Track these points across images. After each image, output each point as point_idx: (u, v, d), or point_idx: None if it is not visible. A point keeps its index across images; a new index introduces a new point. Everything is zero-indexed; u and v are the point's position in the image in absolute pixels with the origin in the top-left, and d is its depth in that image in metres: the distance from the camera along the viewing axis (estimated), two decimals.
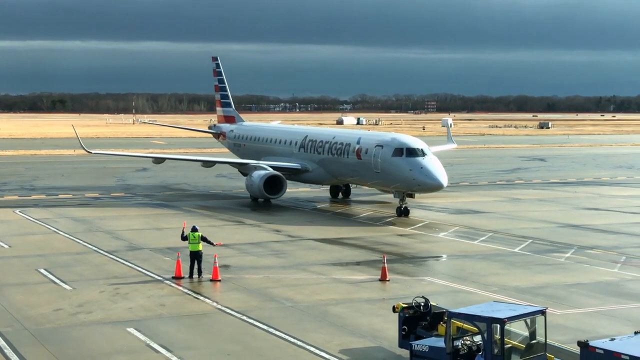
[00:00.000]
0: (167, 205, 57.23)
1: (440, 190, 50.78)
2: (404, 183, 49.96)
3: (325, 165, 57.73)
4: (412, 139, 52.23)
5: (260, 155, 65.04)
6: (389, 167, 50.46)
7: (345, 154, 55.07)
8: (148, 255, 38.70)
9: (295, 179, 60.16)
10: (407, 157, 49.58)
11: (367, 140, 54.06)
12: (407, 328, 22.60)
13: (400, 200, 51.35)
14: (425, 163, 49.23)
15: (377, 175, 51.76)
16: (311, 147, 59.53)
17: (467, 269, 35.83)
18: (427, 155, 49.96)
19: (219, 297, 30.50)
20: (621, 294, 31.31)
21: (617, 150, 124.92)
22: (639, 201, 60.50)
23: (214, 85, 79.55)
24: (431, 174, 48.76)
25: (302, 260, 37.67)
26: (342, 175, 56.97)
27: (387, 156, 50.59)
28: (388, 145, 51.24)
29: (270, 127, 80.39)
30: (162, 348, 24.09)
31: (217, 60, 79.02)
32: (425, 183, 48.94)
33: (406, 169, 49.30)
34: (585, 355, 17.44)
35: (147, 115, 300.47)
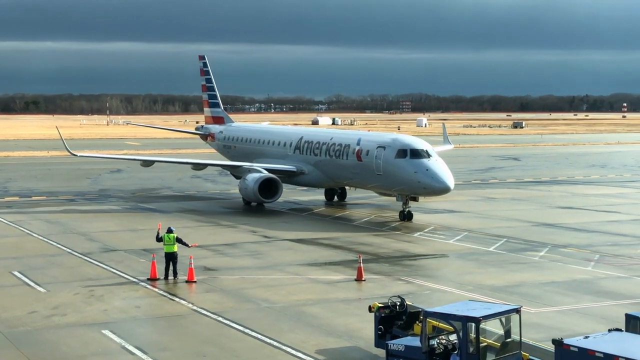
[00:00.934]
0: (141, 206, 56.97)
1: (448, 194, 48.55)
2: (408, 186, 47.90)
3: (323, 168, 55.92)
4: (415, 140, 50.18)
5: (252, 157, 63.11)
6: (392, 169, 48.43)
7: (344, 156, 53.09)
8: (123, 256, 38.50)
9: (290, 181, 58.08)
10: (411, 159, 47.52)
11: (367, 141, 52.02)
12: (383, 328, 22.64)
13: (403, 204, 49.22)
14: (431, 165, 47.23)
15: (379, 177, 49.76)
16: (307, 149, 57.55)
17: (442, 268, 35.96)
18: (432, 156, 47.90)
19: (194, 299, 30.40)
20: (595, 292, 31.55)
21: (590, 149, 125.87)
22: (612, 200, 61.02)
23: (201, 85, 77.34)
24: (437, 176, 46.77)
25: (278, 260, 37.63)
26: (341, 177, 55.14)
27: (390, 158, 48.51)
28: (391, 146, 49.13)
29: (263, 128, 77.97)
30: (138, 350, 23.98)
31: (205, 59, 76.57)
32: (432, 186, 46.91)
33: (410, 171, 47.25)
34: (560, 353, 17.55)
35: (121, 116, 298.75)
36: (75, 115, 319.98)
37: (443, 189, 47.09)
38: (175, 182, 72.93)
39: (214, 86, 76.32)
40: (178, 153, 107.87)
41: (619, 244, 41.95)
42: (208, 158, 74.51)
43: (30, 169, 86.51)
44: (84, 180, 75.28)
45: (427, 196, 50.04)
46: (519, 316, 19.93)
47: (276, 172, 55.87)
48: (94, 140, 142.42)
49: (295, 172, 57.27)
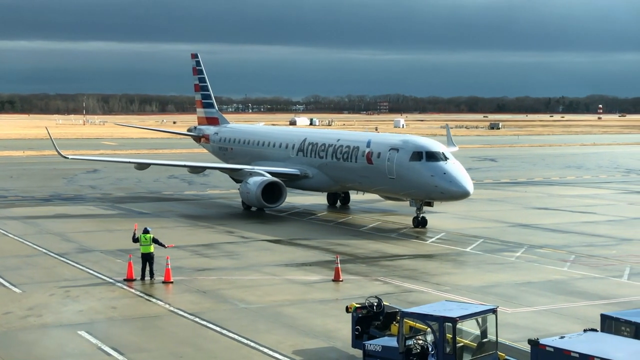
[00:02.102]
0: (118, 207, 56.69)
1: (467, 199, 46.16)
2: (423, 191, 45.43)
3: (328, 171, 53.14)
4: (431, 142, 47.68)
5: (251, 159, 60.64)
6: (406, 173, 45.87)
7: (352, 159, 50.42)
8: (99, 257, 38.29)
9: (293, 185, 54.99)
10: (427, 162, 45.09)
11: (378, 143, 49.31)
12: (360, 328, 22.64)
13: (417, 209, 46.85)
14: (448, 168, 44.78)
15: (392, 181, 47.12)
16: (311, 151, 54.75)
17: (419, 268, 36.05)
18: (450, 159, 45.50)
19: (171, 299, 30.30)
20: (570, 293, 31.75)
21: (566, 150, 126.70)
22: (588, 200, 61.44)
23: (194, 85, 74.31)
24: (456, 180, 44.35)
25: (255, 261, 37.58)
26: (348, 181, 52.34)
27: (404, 160, 45.96)
28: (404, 148, 46.60)
29: (262, 129, 75.45)
30: (114, 351, 23.86)
31: (198, 58, 73.47)
32: (450, 191, 44.40)
33: (427, 174, 44.80)
34: (536, 353, 17.64)
35: (97, 116, 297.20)
36: (51, 115, 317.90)
37: (462, 194, 44.72)
38: (152, 182, 72.63)
39: (207, 85, 73.44)
40: (155, 153, 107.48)
41: (594, 245, 42.24)
42: (189, 159, 74.20)
43: (6, 169, 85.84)
44: (60, 180, 74.80)
45: (445, 201, 47.27)
46: (495, 316, 20.02)
47: (279, 175, 53.33)
48: (70, 140, 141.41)
49: (298, 175, 54.57)
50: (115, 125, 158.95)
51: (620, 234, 46.00)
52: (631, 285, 33.18)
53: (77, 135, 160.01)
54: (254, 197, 50.73)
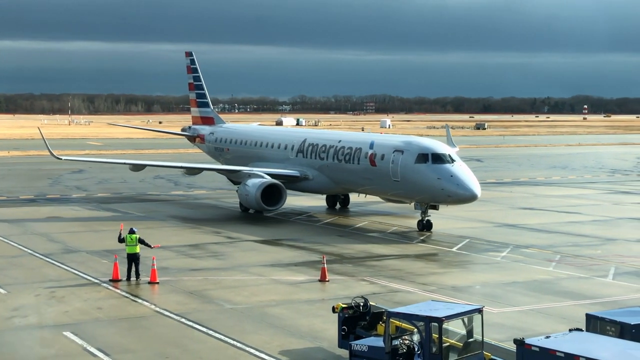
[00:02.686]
0: (103, 207, 56.51)
1: (474, 202, 44.94)
2: (430, 194, 44.34)
3: (329, 173, 51.84)
4: (436, 143, 46.49)
5: (248, 160, 59.16)
6: (412, 176, 44.69)
7: (355, 160, 49.12)
8: (85, 257, 38.17)
9: (292, 187, 53.47)
10: (433, 164, 43.97)
11: (382, 145, 48.13)
12: (346, 328, 22.66)
13: (422, 212, 45.81)
14: (455, 171, 43.70)
15: (396, 184, 45.92)
16: (312, 152, 53.37)
17: (405, 268, 36.10)
18: (456, 161, 44.49)
19: (157, 300, 30.23)
20: (556, 292, 31.87)
21: (552, 150, 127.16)
22: (573, 200, 61.68)
23: (188, 84, 72.76)
24: (463, 183, 43.28)
25: (242, 261, 37.54)
26: (350, 183, 51.15)
27: (409, 163, 44.80)
28: (409, 150, 45.41)
29: (260, 129, 73.60)
30: (100, 352, 23.79)
31: (192, 56, 71.90)
32: (457, 194, 43.35)
33: (433, 177, 43.70)
34: (522, 353, 17.69)
35: (83, 116, 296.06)
36: (36, 115, 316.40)
37: (470, 197, 43.57)
38: (138, 183, 72.40)
39: (202, 84, 71.95)
40: (141, 154, 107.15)
41: (579, 245, 42.41)
42: (175, 159, 73.77)
43: None
44: (45, 180, 74.49)
45: (452, 205, 45.98)
46: (481, 316, 20.07)
47: (278, 177, 51.82)
48: (56, 140, 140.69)
49: (298, 177, 53.21)
50: (101, 126, 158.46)
51: (605, 234, 46.21)
52: (616, 285, 33.34)
53: (63, 136, 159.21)
54: (253, 199, 49.41)
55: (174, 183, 72.68)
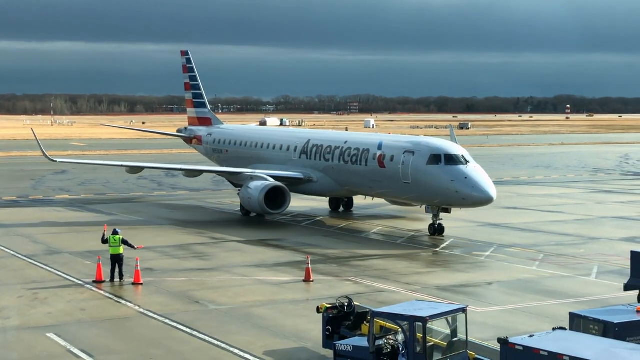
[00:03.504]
0: (87, 208, 56.29)
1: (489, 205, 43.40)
2: (443, 197, 42.70)
3: (335, 175, 50.10)
4: (449, 144, 44.96)
5: (248, 162, 57.31)
6: (424, 178, 43.08)
7: (362, 162, 47.40)
8: (68, 259, 38.00)
9: (296, 190, 51.31)
10: (446, 166, 42.39)
11: (391, 145, 46.39)
12: (331, 328, 22.66)
13: (433, 216, 44.25)
14: (470, 172, 42.10)
15: (407, 187, 44.22)
16: (316, 153, 51.59)
17: (389, 268, 36.14)
18: (470, 162, 42.87)
19: (141, 301, 30.13)
20: (539, 291, 31.99)
21: (535, 150, 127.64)
22: (556, 200, 61.94)
23: (184, 83, 70.71)
24: (478, 185, 41.68)
25: (226, 262, 37.48)
26: (357, 186, 49.44)
27: (421, 164, 43.18)
28: (421, 151, 43.81)
29: (260, 130, 71.26)
30: (83, 353, 23.69)
31: (188, 55, 69.98)
32: (472, 197, 41.74)
33: (446, 179, 42.12)
34: (505, 352, 17.74)
35: (65, 117, 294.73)
36: (18, 116, 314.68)
37: (485, 200, 42.02)
38: (121, 183, 72.16)
39: (199, 84, 69.99)
40: (124, 154, 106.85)
41: (562, 244, 42.59)
42: (159, 160, 73.32)
43: None
44: (28, 181, 74.12)
45: (466, 208, 44.51)
46: (465, 315, 20.12)
47: (280, 179, 50.06)
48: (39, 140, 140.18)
49: (302, 179, 51.49)
50: (83, 126, 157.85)
51: (588, 233, 46.43)
52: (599, 283, 33.49)
53: (46, 136, 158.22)
54: (256, 202, 47.62)
55: (158, 184, 72.46)
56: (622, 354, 16.73)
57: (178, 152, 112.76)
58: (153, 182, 73.49)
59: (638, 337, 19.44)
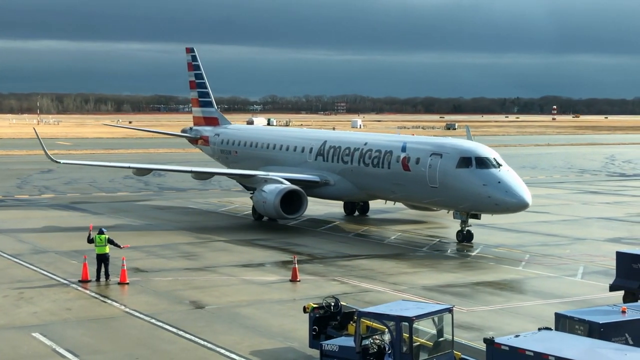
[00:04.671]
0: (72, 207, 56.09)
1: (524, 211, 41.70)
2: (473, 202, 40.67)
3: (354, 178, 47.98)
4: (479, 146, 42.85)
5: (259, 164, 55.28)
6: (453, 182, 41.03)
7: (384, 164, 45.27)
8: (53, 258, 37.86)
9: (311, 193, 48.44)
10: (477, 169, 40.41)
11: (416, 147, 44.26)
12: (317, 328, 22.65)
13: (462, 222, 42.12)
14: (503, 176, 40.11)
15: (434, 191, 42.14)
16: (333, 155, 49.42)
17: (376, 268, 36.17)
18: (503, 165, 40.90)
19: (127, 300, 30.05)
20: (525, 292, 32.11)
21: (521, 150, 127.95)
22: (542, 200, 62.02)
23: (189, 82, 68.30)
24: (513, 190, 39.68)
25: (212, 261, 37.43)
26: (377, 189, 47.25)
27: (449, 167, 41.15)
28: (449, 153, 41.81)
29: (272, 130, 67.96)
30: (69, 353, 23.61)
31: (194, 52, 67.56)
32: (506, 202, 39.68)
33: (478, 184, 40.09)
34: (491, 352, 17.78)
35: (52, 116, 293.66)
36: (4, 115, 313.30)
37: (520, 206, 40.16)
38: (107, 183, 71.97)
39: (205, 82, 67.62)
40: (111, 154, 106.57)
41: (548, 244, 42.73)
42: (144, 160, 73.04)
43: None
44: (14, 180, 73.79)
45: (498, 214, 42.27)
46: (451, 315, 20.14)
47: (295, 182, 47.68)
48: (24, 140, 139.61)
49: (318, 182, 49.20)
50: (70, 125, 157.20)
51: (574, 233, 46.61)
52: (585, 284, 33.63)
53: (32, 135, 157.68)
54: (271, 206, 45.38)
55: (144, 183, 72.23)
56: (607, 354, 16.80)
57: (165, 152, 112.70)
58: (139, 181, 73.23)
59: (623, 338, 19.54)
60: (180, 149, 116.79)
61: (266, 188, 46.29)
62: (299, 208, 45.65)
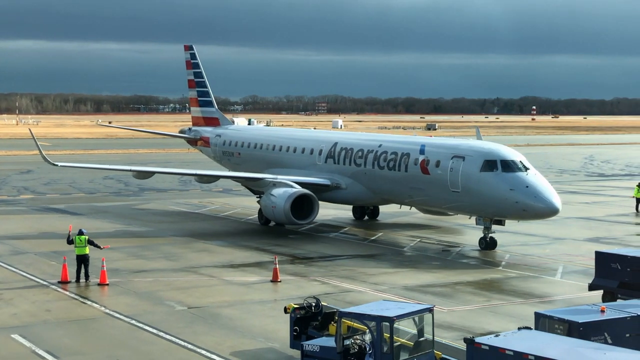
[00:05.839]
0: (52, 208, 55.79)
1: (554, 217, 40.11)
2: (498, 207, 38.83)
3: (367, 181, 45.94)
4: (504, 148, 40.88)
5: (264, 167, 53.46)
6: (476, 186, 39.13)
7: (401, 167, 43.33)
8: (33, 259, 37.65)
9: (321, 198, 46.39)
10: (503, 173, 38.55)
11: (435, 150, 42.37)
12: (298, 328, 22.65)
13: (485, 228, 40.19)
14: (531, 180, 38.38)
15: (456, 196, 40.25)
16: (345, 158, 47.37)
17: (357, 268, 36.20)
18: (530, 169, 39.23)
19: (107, 302, 29.93)
20: (505, 291, 32.22)
21: None
22: None
23: (188, 80, 65.96)
24: (542, 195, 37.87)
25: (193, 262, 37.33)
26: (393, 194, 45.18)
27: (473, 171, 39.27)
28: (472, 155, 39.87)
29: (279, 131, 66.09)
30: (48, 354, 23.49)
31: (193, 50, 65.28)
32: (535, 208, 37.88)
33: (504, 188, 38.21)
34: (472, 352, 17.84)
35: (31, 116, 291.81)
36: None
37: (550, 212, 38.34)
38: (87, 183, 71.63)
39: (204, 81, 65.16)
40: (91, 154, 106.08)
41: (528, 244, 42.92)
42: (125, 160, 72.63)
43: None
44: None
45: (526, 220, 41.07)
46: (431, 315, 20.21)
47: (304, 185, 45.66)
48: (3, 140, 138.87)
49: (329, 186, 47.26)
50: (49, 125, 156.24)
51: (553, 233, 46.81)
52: (564, 283, 33.82)
53: (10, 136, 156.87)
54: (281, 212, 43.45)
55: (124, 184, 71.97)
56: (586, 353, 16.90)
57: (145, 152, 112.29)
58: (120, 182, 72.98)
59: (602, 337, 19.67)
60: (161, 149, 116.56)
61: (275, 192, 44.34)
62: (310, 213, 44.00)
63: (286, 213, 43.27)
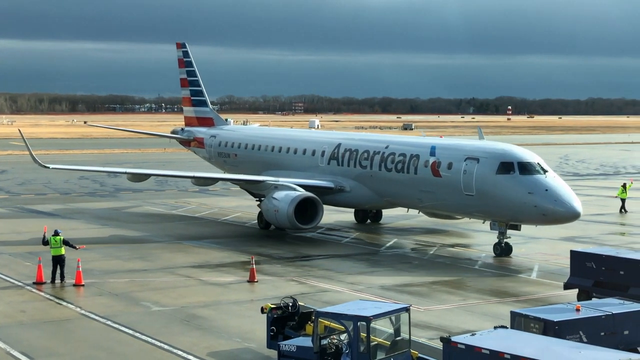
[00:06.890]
0: (27, 208, 55.39)
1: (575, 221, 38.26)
2: (515, 211, 37.26)
3: (373, 184, 44.31)
4: (521, 150, 39.17)
5: (263, 168, 51.67)
6: (492, 190, 37.49)
7: (411, 170, 41.61)
8: (7, 260, 37.36)
9: (324, 201, 44.08)
10: (521, 175, 36.88)
11: (447, 151, 40.80)
12: (275, 328, 22.62)
13: (500, 233, 38.75)
14: (551, 183, 36.60)
15: (470, 200, 38.62)
16: (349, 159, 45.70)
17: (334, 268, 36.23)
18: (549, 171, 37.40)
19: (82, 302, 29.76)
20: (481, 290, 32.35)
21: None
22: None
23: (180, 79, 64.20)
24: (562, 199, 36.15)
25: (169, 262, 37.20)
26: (401, 197, 43.46)
27: (488, 173, 37.62)
28: (487, 157, 38.22)
29: (278, 131, 66.08)
30: (24, 356, 23.33)
31: (185, 48, 63.25)
32: (555, 212, 36.21)
33: (522, 192, 36.59)
34: (448, 351, 17.92)
35: (5, 116, 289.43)
36: None
37: (571, 216, 36.64)
38: (62, 183, 71.17)
39: (198, 80, 63.32)
40: (65, 154, 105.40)
41: None
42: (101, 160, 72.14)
43: None
44: None
45: (545, 224, 39.04)
46: (408, 315, 20.27)
47: (307, 188, 44.03)
48: None
49: (332, 188, 45.65)
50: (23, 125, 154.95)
51: (529, 232, 46.80)
52: (539, 282, 34.01)
53: None
54: (284, 216, 41.70)
55: (100, 184, 71.58)
56: (562, 351, 17.01)
57: (120, 152, 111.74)
58: (95, 182, 72.58)
59: (577, 335, 19.82)
60: (136, 149, 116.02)
61: (277, 195, 42.59)
62: (314, 217, 42.35)
63: (289, 217, 41.65)
